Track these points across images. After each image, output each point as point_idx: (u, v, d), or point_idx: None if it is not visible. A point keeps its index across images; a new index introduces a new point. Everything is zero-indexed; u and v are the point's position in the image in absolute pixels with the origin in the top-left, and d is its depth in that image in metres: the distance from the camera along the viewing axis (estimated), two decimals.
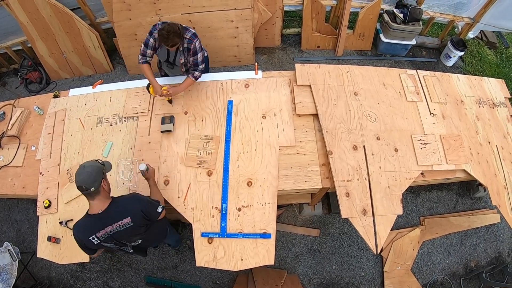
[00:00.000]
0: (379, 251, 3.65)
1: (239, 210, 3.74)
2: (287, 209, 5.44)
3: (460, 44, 6.61)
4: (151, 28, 4.01)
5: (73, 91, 4.70)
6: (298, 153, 4.05)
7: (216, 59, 6.41)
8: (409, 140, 4.19)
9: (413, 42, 6.69)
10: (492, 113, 4.81)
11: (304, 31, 6.70)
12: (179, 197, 3.82)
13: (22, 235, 5.46)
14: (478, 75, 6.57)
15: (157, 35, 3.91)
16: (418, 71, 4.81)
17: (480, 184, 4.94)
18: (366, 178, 3.89)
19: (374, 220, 3.71)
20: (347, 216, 3.70)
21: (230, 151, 4.01)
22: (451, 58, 6.84)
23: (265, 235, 3.63)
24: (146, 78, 4.28)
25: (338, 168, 3.88)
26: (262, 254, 3.58)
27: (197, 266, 3.56)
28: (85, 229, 3.00)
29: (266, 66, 6.73)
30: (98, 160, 3.07)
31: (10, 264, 4.59)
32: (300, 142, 4.10)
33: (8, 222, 5.58)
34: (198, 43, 4.02)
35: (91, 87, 4.66)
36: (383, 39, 6.66)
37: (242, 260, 3.56)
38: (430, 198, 5.69)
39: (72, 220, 3.83)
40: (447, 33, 7.07)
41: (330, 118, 4.15)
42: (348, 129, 4.12)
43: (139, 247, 3.56)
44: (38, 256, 3.89)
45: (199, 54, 4.09)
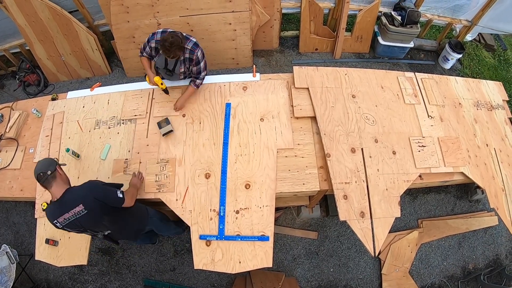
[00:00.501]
0: (377, 254, 3.65)
1: (237, 212, 3.74)
2: (285, 211, 5.44)
3: (458, 46, 6.62)
4: (149, 35, 4.01)
5: (71, 94, 4.70)
6: (296, 155, 4.05)
7: (214, 62, 6.41)
8: (407, 143, 4.19)
9: (411, 45, 6.70)
10: (490, 115, 4.82)
11: (302, 33, 6.70)
12: (177, 199, 3.82)
13: (20, 238, 5.45)
14: (476, 78, 6.58)
15: (154, 44, 3.95)
16: (416, 73, 4.81)
17: (478, 187, 4.93)
18: (364, 181, 3.89)
19: (372, 222, 3.71)
20: (345, 218, 3.70)
21: (228, 154, 4.01)
22: (449, 60, 6.85)
23: (263, 238, 3.63)
24: (144, 81, 4.30)
25: (336, 170, 3.88)
26: (260, 257, 3.58)
27: (195, 268, 3.56)
28: (49, 213, 3.05)
29: (264, 68, 6.73)
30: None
31: (8, 267, 4.57)
32: (298, 144, 4.11)
33: (6, 224, 5.57)
34: (200, 52, 4.03)
35: (89, 89, 4.66)
36: (381, 41, 6.67)
37: (240, 262, 3.56)
38: (428, 200, 5.70)
39: None
40: (445, 35, 7.09)
41: (328, 121, 4.15)
42: (346, 131, 4.12)
43: (110, 236, 3.55)
44: (36, 258, 3.90)
45: (202, 63, 4.11)
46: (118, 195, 3.19)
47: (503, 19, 6.42)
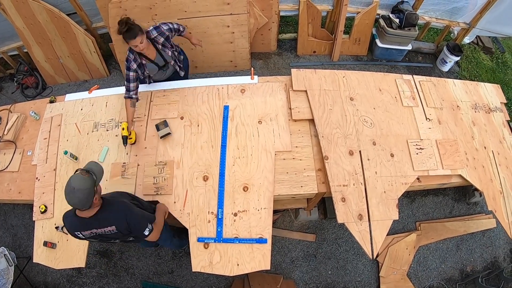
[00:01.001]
0: (375, 256, 3.65)
1: (235, 215, 3.73)
2: (283, 214, 5.43)
3: (456, 49, 6.64)
4: (125, 64, 4.00)
5: (69, 96, 4.70)
6: (294, 158, 4.05)
7: (212, 64, 6.42)
8: (405, 145, 4.19)
9: (409, 47, 6.71)
10: (488, 118, 4.82)
11: (300, 36, 6.72)
12: (175, 202, 3.82)
13: (18, 240, 5.44)
14: (474, 80, 6.58)
15: (135, 66, 3.98)
16: (414, 76, 4.81)
17: (476, 189, 4.94)
18: (362, 183, 3.89)
19: (370, 225, 3.71)
20: (343, 221, 3.70)
21: (226, 156, 4.00)
22: (447, 63, 6.86)
23: (261, 240, 3.62)
24: (141, 83, 4.30)
25: (334, 173, 3.88)
26: (258, 259, 3.57)
27: (193, 271, 3.55)
28: (71, 225, 3.03)
29: (262, 71, 6.74)
30: (88, 170, 2.89)
31: (6, 269, 4.57)
32: (296, 147, 4.10)
33: (4, 227, 5.56)
34: (161, 26, 4.07)
35: (87, 92, 4.65)
36: (379, 44, 6.68)
37: (238, 265, 3.56)
38: (426, 203, 5.70)
39: None
40: (443, 38, 7.10)
41: (326, 123, 4.15)
42: (344, 134, 4.12)
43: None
44: (34, 261, 3.88)
45: (167, 26, 4.12)
46: (145, 232, 3.16)
47: (501, 21, 6.43)
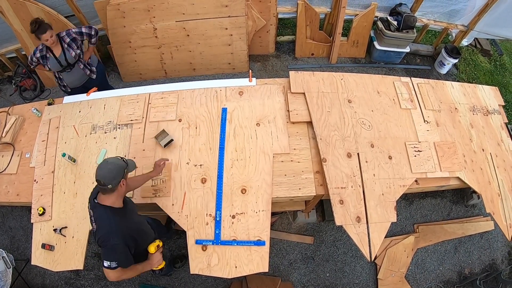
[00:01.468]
0: (373, 259, 3.65)
1: (233, 217, 3.73)
2: (281, 216, 5.44)
3: (454, 51, 6.66)
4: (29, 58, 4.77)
5: (67, 99, 4.70)
6: (292, 160, 4.05)
7: (210, 67, 6.43)
8: (403, 148, 4.20)
9: (407, 50, 6.74)
10: (486, 120, 4.83)
11: (298, 38, 6.74)
12: (173, 204, 3.81)
13: (16, 243, 5.43)
14: (472, 83, 6.61)
15: (38, 55, 4.61)
16: (412, 78, 4.83)
17: (474, 192, 4.95)
18: (360, 186, 3.89)
19: (368, 227, 3.71)
20: (341, 223, 3.70)
21: (224, 159, 4.00)
22: (445, 65, 6.88)
23: (259, 243, 3.62)
24: (140, 85, 4.34)
25: (332, 175, 3.88)
26: (256, 262, 3.56)
27: (191, 273, 3.54)
28: (121, 226, 2.97)
29: (260, 73, 6.75)
30: (123, 157, 3.09)
31: (4, 272, 4.55)
32: (294, 149, 4.10)
33: (2, 229, 5.55)
34: (73, 30, 4.74)
35: (85, 94, 4.65)
36: (377, 46, 6.70)
37: (236, 267, 3.55)
38: (424, 205, 5.71)
39: (66, 227, 3.83)
40: (441, 40, 7.13)
41: (324, 126, 4.15)
42: (342, 136, 4.12)
43: None
44: (32, 263, 3.86)
45: (80, 30, 4.77)
46: (104, 263, 2.92)
47: (499, 24, 6.46)
